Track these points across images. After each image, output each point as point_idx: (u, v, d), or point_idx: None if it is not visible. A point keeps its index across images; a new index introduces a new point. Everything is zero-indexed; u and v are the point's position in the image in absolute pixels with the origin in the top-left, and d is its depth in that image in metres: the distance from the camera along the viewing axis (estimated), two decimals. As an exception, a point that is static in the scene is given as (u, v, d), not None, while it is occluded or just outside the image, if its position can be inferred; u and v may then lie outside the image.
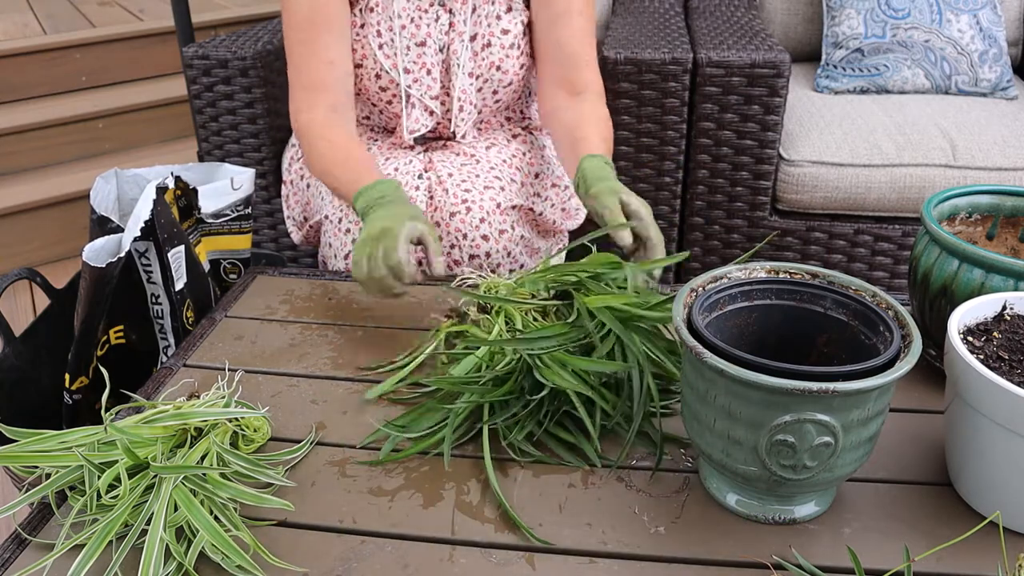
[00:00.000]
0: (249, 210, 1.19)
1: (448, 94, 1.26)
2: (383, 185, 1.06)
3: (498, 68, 1.25)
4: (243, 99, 1.73)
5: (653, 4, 2.11)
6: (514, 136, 1.38)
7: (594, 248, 0.98)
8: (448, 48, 1.24)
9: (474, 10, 1.23)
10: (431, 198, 1.23)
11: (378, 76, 1.24)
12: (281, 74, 1.77)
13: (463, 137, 1.30)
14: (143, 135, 2.74)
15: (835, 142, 1.67)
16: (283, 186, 1.45)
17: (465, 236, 1.20)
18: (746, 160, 1.68)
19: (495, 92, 1.28)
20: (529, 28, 1.27)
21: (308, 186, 1.38)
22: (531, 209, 1.33)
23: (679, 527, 0.72)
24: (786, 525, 0.72)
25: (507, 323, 0.91)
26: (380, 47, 1.22)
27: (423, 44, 1.23)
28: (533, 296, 0.95)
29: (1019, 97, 1.88)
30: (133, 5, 3.31)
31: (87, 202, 1.10)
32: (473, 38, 1.24)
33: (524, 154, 1.35)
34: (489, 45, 1.24)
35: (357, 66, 1.25)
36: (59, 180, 2.45)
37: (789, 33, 2.13)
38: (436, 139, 1.34)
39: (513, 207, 1.25)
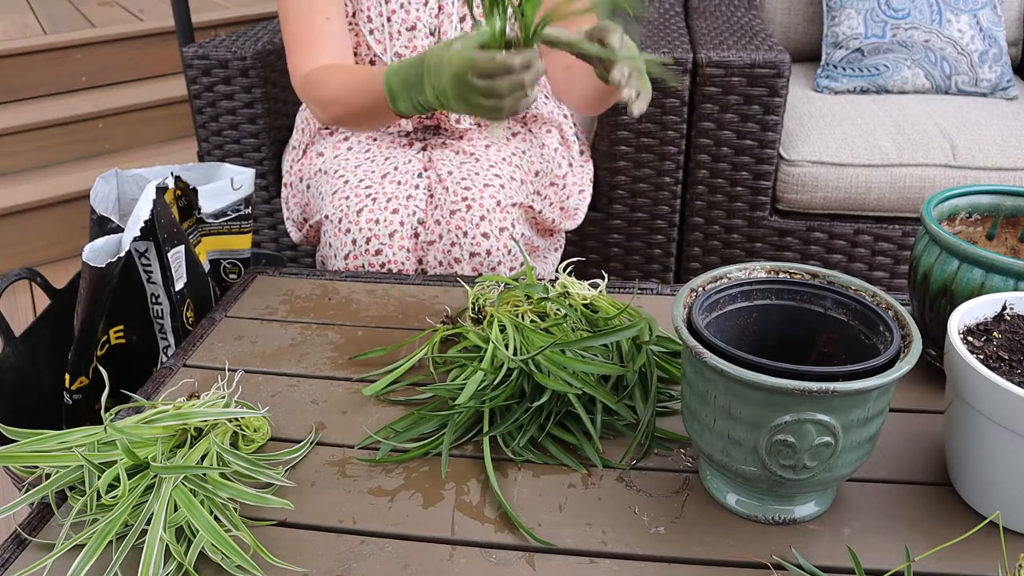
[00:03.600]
0: (249, 210, 1.19)
1: None
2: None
3: None
4: (243, 99, 1.73)
5: (653, 4, 2.11)
6: (514, 134, 1.38)
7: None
8: (439, 31, 1.25)
9: None
10: (431, 196, 1.23)
11: (372, 63, 1.25)
12: (283, 74, 1.77)
13: (458, 121, 1.30)
14: (143, 135, 2.74)
15: (835, 142, 1.67)
16: (283, 188, 1.45)
17: (465, 234, 1.20)
18: (746, 160, 1.68)
19: None
20: None
21: (308, 187, 1.38)
22: (531, 207, 1.33)
23: (679, 527, 0.72)
24: (786, 525, 0.72)
25: (501, 329, 0.91)
26: (371, 32, 1.22)
27: (413, 28, 1.24)
28: (529, 298, 0.95)
29: (1019, 97, 1.88)
30: (133, 5, 3.30)
31: (87, 202, 1.10)
32: (462, 20, 1.24)
33: (524, 152, 1.35)
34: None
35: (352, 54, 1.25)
36: (59, 180, 2.45)
37: (789, 33, 2.13)
38: (436, 128, 1.34)
39: (513, 205, 1.25)
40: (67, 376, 1.03)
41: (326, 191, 1.31)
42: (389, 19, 1.22)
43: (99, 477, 0.71)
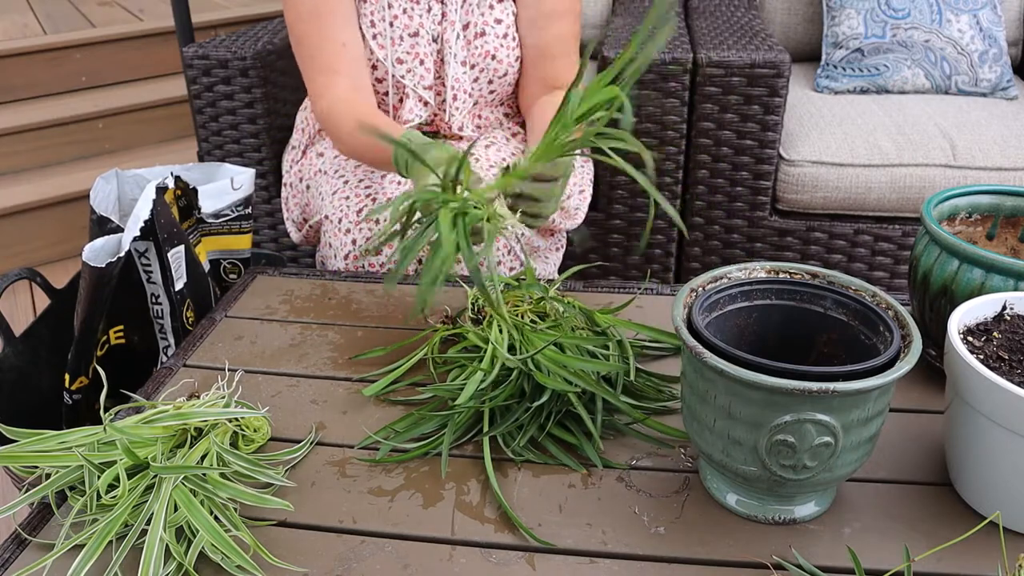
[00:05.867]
0: (249, 210, 1.19)
1: (444, 84, 1.27)
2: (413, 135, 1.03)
3: (493, 57, 1.25)
4: (243, 99, 1.73)
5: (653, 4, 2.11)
6: (513, 135, 1.38)
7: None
8: (441, 38, 1.25)
9: (465, 0, 1.24)
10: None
11: (374, 67, 1.25)
12: (283, 74, 1.77)
13: (460, 129, 1.31)
14: (143, 135, 2.74)
15: (835, 142, 1.67)
16: (283, 188, 1.45)
17: (465, 235, 1.20)
18: (746, 160, 1.68)
19: (490, 82, 1.29)
20: (516, 23, 1.27)
21: (308, 188, 1.38)
22: (531, 208, 1.33)
23: (679, 527, 0.72)
24: (786, 525, 0.72)
25: (501, 330, 0.90)
26: (374, 37, 1.23)
27: (416, 34, 1.24)
28: (529, 298, 0.95)
29: (1019, 97, 1.88)
30: (133, 5, 3.30)
31: (87, 202, 1.10)
32: (466, 27, 1.25)
33: (524, 152, 1.35)
34: (483, 34, 1.25)
35: None
36: (59, 180, 2.45)
37: (789, 33, 2.13)
38: (434, 134, 1.34)
39: (513, 206, 1.25)
40: (67, 376, 1.03)
41: (326, 191, 1.31)
42: (392, 24, 1.22)
43: (99, 477, 0.71)
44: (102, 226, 1.08)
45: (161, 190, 1.04)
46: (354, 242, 1.22)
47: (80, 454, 0.72)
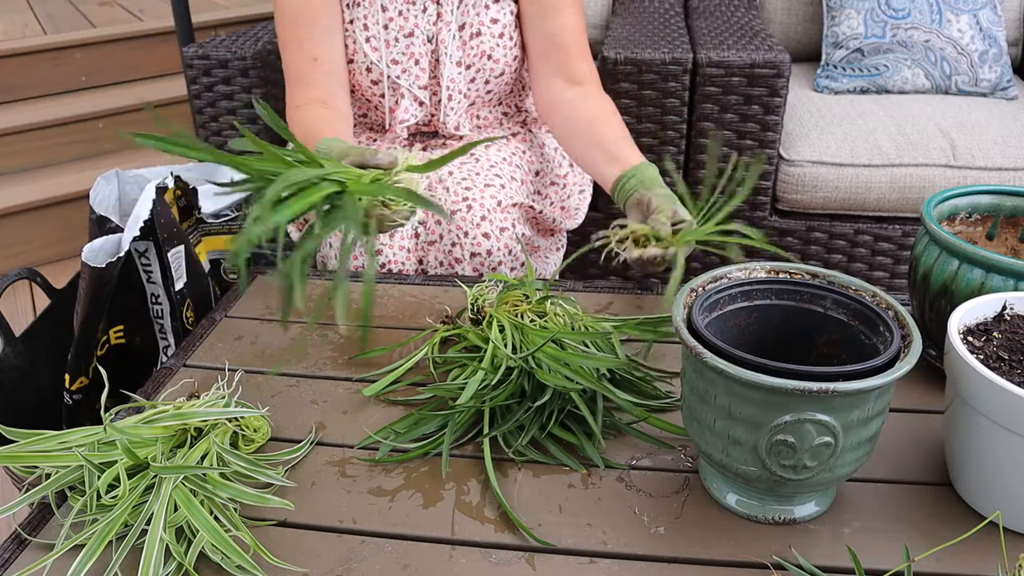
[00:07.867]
0: (249, 210, 1.19)
1: (439, 84, 1.27)
2: (326, 142, 1.04)
3: (489, 57, 1.26)
4: (243, 99, 1.73)
5: (653, 4, 2.11)
6: (513, 135, 1.38)
7: (601, 258, 1.02)
8: (436, 38, 1.25)
9: (461, 0, 1.24)
10: (432, 196, 1.23)
11: (368, 70, 1.25)
12: (282, 74, 1.77)
13: (457, 128, 1.31)
14: (143, 135, 2.74)
15: (835, 142, 1.67)
16: (283, 187, 1.45)
17: (466, 234, 1.20)
18: (746, 160, 1.68)
19: (487, 82, 1.29)
20: (519, 21, 1.27)
21: (308, 186, 1.37)
22: (532, 207, 1.33)
23: (679, 527, 0.72)
24: (786, 525, 0.72)
25: (500, 329, 0.90)
26: (367, 40, 1.23)
27: (411, 35, 1.24)
28: (526, 297, 0.95)
29: (1019, 97, 1.88)
30: (133, 5, 3.31)
31: (87, 202, 1.10)
32: (461, 27, 1.25)
33: (524, 152, 1.35)
34: (479, 34, 1.25)
35: (349, 61, 1.26)
36: (59, 180, 2.46)
37: (789, 33, 2.13)
38: (433, 135, 1.35)
39: (514, 205, 1.25)
40: (67, 376, 1.03)
41: (326, 191, 1.31)
42: (386, 27, 1.23)
43: (99, 477, 0.71)
44: (101, 226, 1.08)
45: (161, 190, 1.04)
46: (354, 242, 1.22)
47: (80, 454, 0.72)
